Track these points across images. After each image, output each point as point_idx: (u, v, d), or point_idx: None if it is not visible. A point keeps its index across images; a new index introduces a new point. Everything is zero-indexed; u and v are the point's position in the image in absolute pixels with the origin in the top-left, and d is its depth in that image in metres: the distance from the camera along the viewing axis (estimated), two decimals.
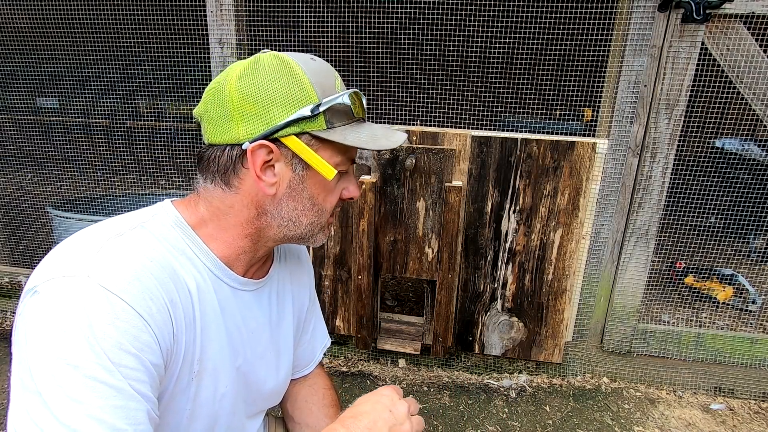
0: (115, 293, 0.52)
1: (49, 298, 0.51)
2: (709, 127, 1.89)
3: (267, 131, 0.61)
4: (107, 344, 0.50)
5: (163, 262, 0.60)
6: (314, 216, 0.69)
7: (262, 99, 0.61)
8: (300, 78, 0.62)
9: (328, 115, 0.63)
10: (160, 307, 0.56)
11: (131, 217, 0.64)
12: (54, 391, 0.48)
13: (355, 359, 2.21)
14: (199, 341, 0.64)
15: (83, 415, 0.48)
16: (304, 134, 0.63)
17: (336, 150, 0.66)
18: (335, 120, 0.64)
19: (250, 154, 0.62)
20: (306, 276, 0.91)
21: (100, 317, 0.50)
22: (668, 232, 2.13)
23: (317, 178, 0.66)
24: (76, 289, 0.51)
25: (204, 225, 0.67)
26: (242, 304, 0.72)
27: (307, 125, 0.63)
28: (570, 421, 1.84)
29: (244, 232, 0.68)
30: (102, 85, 2.50)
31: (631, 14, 1.69)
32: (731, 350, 1.97)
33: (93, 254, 0.55)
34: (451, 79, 3.03)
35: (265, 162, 0.63)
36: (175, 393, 0.62)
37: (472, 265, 1.96)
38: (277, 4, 1.89)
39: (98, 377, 0.49)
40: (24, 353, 0.50)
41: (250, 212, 0.66)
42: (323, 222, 0.71)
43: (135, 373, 0.52)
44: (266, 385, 0.80)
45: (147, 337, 0.54)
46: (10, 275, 2.44)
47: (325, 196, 0.68)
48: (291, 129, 0.62)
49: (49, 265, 0.55)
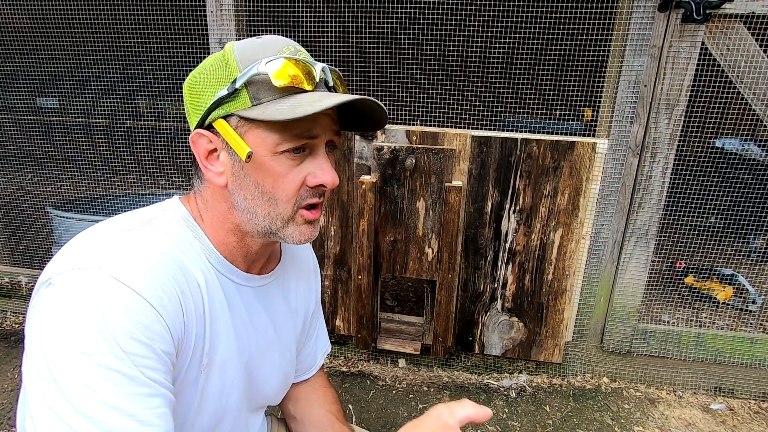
0: (127, 284, 0.53)
1: (63, 290, 0.52)
2: (709, 127, 1.89)
3: (201, 119, 0.62)
4: (119, 333, 0.51)
5: (173, 255, 0.61)
6: (267, 206, 0.62)
7: (197, 88, 0.62)
8: (227, 58, 0.60)
9: (252, 90, 0.58)
10: (171, 298, 0.57)
11: (141, 214, 0.65)
12: (69, 378, 0.49)
13: (355, 359, 2.21)
14: (209, 334, 0.64)
15: (97, 402, 0.48)
16: (232, 116, 0.60)
17: (269, 129, 0.59)
18: (262, 95, 0.58)
19: (192, 144, 0.63)
20: (312, 279, 0.91)
21: (112, 307, 0.51)
22: (668, 232, 2.13)
23: (255, 162, 0.60)
24: (88, 281, 0.52)
25: (202, 220, 0.68)
26: (247, 300, 0.72)
27: (231, 106, 0.59)
28: (570, 421, 1.84)
29: (225, 228, 0.67)
30: (102, 85, 2.50)
31: (631, 14, 1.69)
32: (731, 350, 1.97)
33: (105, 247, 0.56)
34: (451, 79, 3.03)
35: (209, 151, 0.63)
36: (183, 385, 0.63)
37: (472, 265, 1.95)
38: (277, 4, 1.89)
39: (111, 365, 0.50)
40: (39, 342, 0.51)
41: (222, 206, 0.66)
42: (284, 213, 0.63)
43: (147, 361, 0.53)
44: (269, 382, 0.80)
45: (158, 326, 0.54)
46: (10, 275, 2.44)
47: (273, 183, 0.61)
48: (217, 113, 0.60)
49: (63, 258, 0.56)
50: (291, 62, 0.59)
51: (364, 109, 0.65)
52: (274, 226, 0.64)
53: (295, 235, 0.65)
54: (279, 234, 0.65)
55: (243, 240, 0.68)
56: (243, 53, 0.60)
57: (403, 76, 2.48)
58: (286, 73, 0.58)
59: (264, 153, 0.60)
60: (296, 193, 0.63)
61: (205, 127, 0.63)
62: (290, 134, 0.59)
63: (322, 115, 0.60)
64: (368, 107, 0.64)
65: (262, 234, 0.66)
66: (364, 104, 0.62)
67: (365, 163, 1.87)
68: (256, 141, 0.59)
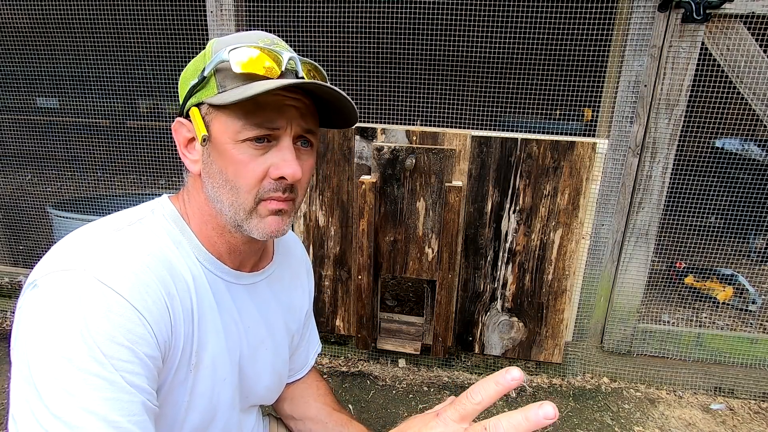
0: (110, 286, 0.53)
1: (47, 291, 0.52)
2: (709, 127, 1.89)
3: (180, 108, 0.65)
4: (100, 337, 0.50)
5: (161, 255, 0.60)
6: (230, 195, 0.62)
7: (182, 81, 0.65)
8: (206, 50, 0.62)
9: (219, 78, 0.59)
10: (156, 300, 0.57)
11: (130, 213, 0.65)
12: (49, 383, 0.48)
13: (355, 359, 2.21)
14: (197, 333, 0.64)
15: (76, 407, 0.48)
16: (203, 105, 0.61)
17: (232, 115, 0.59)
18: (228, 83, 0.59)
19: (174, 132, 0.65)
20: (305, 277, 0.91)
21: (94, 310, 0.51)
22: (668, 232, 2.13)
23: (219, 148, 0.61)
24: (72, 283, 0.52)
25: (188, 217, 0.68)
26: (237, 298, 0.72)
27: (202, 94, 0.61)
28: (570, 421, 1.84)
29: (206, 221, 0.67)
30: (102, 85, 2.50)
31: (631, 14, 1.69)
32: (731, 350, 1.97)
33: (91, 249, 0.56)
34: (451, 79, 3.03)
35: (188, 140, 0.65)
36: (173, 385, 0.63)
37: (472, 265, 1.95)
38: (277, 4, 1.89)
39: (91, 370, 0.49)
40: (22, 345, 0.51)
41: (200, 197, 0.66)
42: (246, 204, 0.62)
43: (128, 366, 0.52)
44: (262, 380, 0.80)
45: (141, 329, 0.54)
46: (10, 275, 2.44)
47: (235, 171, 0.60)
48: (191, 101, 0.62)
49: (49, 260, 0.56)
50: (256, 49, 0.59)
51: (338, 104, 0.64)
52: (238, 216, 0.63)
53: (261, 227, 0.64)
54: (244, 226, 0.64)
55: (223, 235, 0.68)
56: (219, 45, 0.61)
57: (403, 76, 2.48)
58: (248, 60, 0.58)
59: (227, 140, 0.60)
60: (258, 184, 0.61)
61: (184, 116, 0.65)
62: (252, 122, 0.59)
63: (287, 106, 0.60)
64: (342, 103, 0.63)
65: (232, 226, 0.65)
66: (331, 95, 0.61)
67: (365, 163, 1.87)
68: (220, 128, 0.60)
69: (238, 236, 0.68)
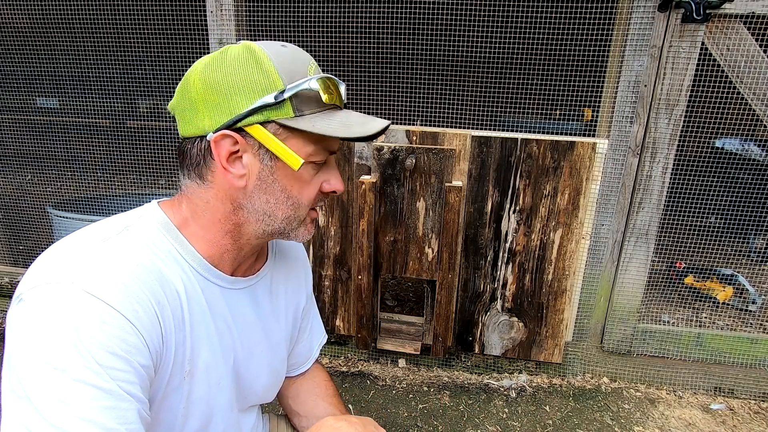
0: (100, 298, 0.52)
1: (34, 306, 0.51)
2: (709, 127, 1.89)
3: (229, 121, 0.60)
4: (94, 347, 0.50)
5: (150, 265, 0.60)
6: (290, 209, 0.66)
7: (224, 88, 0.60)
8: (265, 65, 0.60)
9: (295, 102, 0.61)
10: (146, 310, 0.56)
11: (117, 221, 0.64)
12: (43, 395, 0.48)
13: (355, 359, 2.21)
14: (189, 341, 0.64)
15: (73, 416, 0.48)
16: (271, 123, 0.61)
17: (307, 139, 0.63)
18: (305, 108, 0.61)
19: (214, 144, 0.61)
20: (302, 275, 0.91)
21: (86, 322, 0.51)
22: (668, 232, 2.13)
23: (288, 169, 0.63)
24: (60, 296, 0.51)
25: (187, 224, 0.67)
26: (231, 302, 0.72)
27: (272, 113, 0.60)
28: (570, 421, 1.84)
29: (223, 229, 0.67)
30: (102, 85, 2.50)
31: (631, 14, 1.69)
32: (731, 350, 1.97)
33: (78, 261, 0.55)
34: (451, 79, 3.03)
35: (231, 153, 0.62)
36: (168, 392, 0.63)
37: (472, 265, 1.96)
38: (277, 4, 1.89)
39: (87, 380, 0.49)
40: (12, 361, 0.51)
41: (226, 207, 0.65)
42: (301, 216, 0.68)
43: (124, 375, 0.52)
44: (259, 381, 0.80)
45: (134, 339, 0.54)
46: (10, 275, 2.44)
47: (299, 189, 0.65)
48: (255, 118, 0.60)
49: (34, 273, 0.55)
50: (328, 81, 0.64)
51: None
52: (289, 227, 0.68)
53: (304, 233, 0.71)
54: (291, 234, 0.69)
55: (238, 241, 0.68)
56: (282, 64, 0.60)
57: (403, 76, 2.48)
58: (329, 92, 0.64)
59: None
60: (315, 198, 0.68)
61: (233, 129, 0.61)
62: (323, 147, 0.65)
63: None
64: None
65: (268, 234, 0.68)
66: None
67: (365, 163, 1.87)
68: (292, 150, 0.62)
69: (255, 242, 0.70)
